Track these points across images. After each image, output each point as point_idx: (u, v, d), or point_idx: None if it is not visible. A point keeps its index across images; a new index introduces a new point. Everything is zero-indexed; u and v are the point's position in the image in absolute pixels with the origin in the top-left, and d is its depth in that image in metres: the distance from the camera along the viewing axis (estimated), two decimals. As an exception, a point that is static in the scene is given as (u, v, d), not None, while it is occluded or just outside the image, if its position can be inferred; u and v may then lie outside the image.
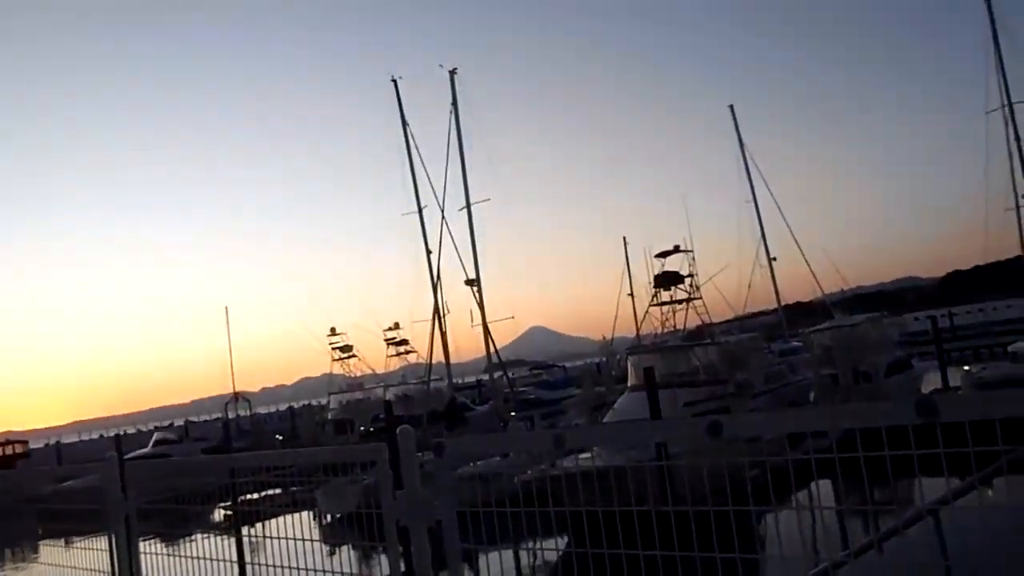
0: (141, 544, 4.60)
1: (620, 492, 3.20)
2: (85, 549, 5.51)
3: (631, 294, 59.15)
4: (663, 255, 29.97)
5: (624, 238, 62.16)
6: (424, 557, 2.98)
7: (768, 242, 52.56)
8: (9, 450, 54.54)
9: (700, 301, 29.58)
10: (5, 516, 6.23)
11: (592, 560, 2.79)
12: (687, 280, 29.48)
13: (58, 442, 74.36)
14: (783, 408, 22.66)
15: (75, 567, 5.39)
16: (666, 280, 29.38)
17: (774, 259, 52.68)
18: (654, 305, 29.61)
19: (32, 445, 62.22)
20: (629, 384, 26.89)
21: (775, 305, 52.11)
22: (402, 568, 3.05)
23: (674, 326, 28.98)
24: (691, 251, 29.81)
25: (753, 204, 52.93)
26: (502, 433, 24.56)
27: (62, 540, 6.37)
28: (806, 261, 50.30)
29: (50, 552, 6.14)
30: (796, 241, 51.47)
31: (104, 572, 4.85)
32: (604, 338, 58.84)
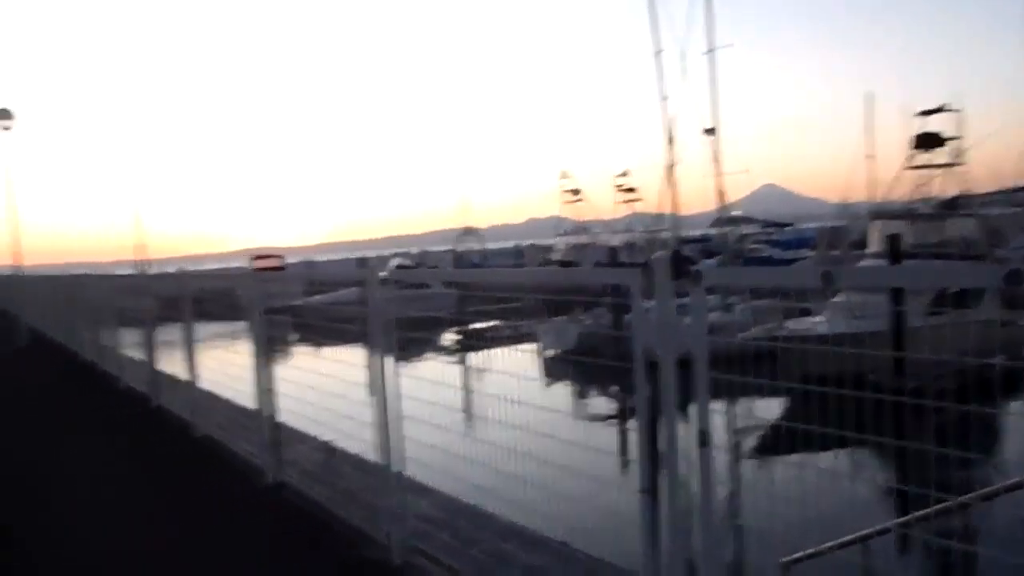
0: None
1: (848, 361, 3.00)
2: (340, 353, 5.95)
3: (871, 155, 54.83)
4: (925, 113, 27.20)
5: (867, 94, 56.96)
6: (671, 383, 2.99)
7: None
8: (267, 263, 60.59)
9: (963, 167, 26.80)
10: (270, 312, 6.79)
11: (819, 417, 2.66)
12: (950, 143, 26.70)
13: (309, 261, 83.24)
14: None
15: (336, 362, 5.82)
16: (927, 141, 26.71)
17: (1058, 125, 46.66)
18: (909, 168, 27.16)
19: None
20: (869, 250, 25.30)
21: (1052, 179, 46.58)
22: (648, 395, 3.06)
23: (928, 193, 26.54)
24: (959, 111, 26.80)
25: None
26: (764, 267, 23.86)
27: (312, 346, 6.97)
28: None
29: (304, 354, 6.70)
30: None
31: (356, 374, 5.21)
32: (845, 200, 55.57)
